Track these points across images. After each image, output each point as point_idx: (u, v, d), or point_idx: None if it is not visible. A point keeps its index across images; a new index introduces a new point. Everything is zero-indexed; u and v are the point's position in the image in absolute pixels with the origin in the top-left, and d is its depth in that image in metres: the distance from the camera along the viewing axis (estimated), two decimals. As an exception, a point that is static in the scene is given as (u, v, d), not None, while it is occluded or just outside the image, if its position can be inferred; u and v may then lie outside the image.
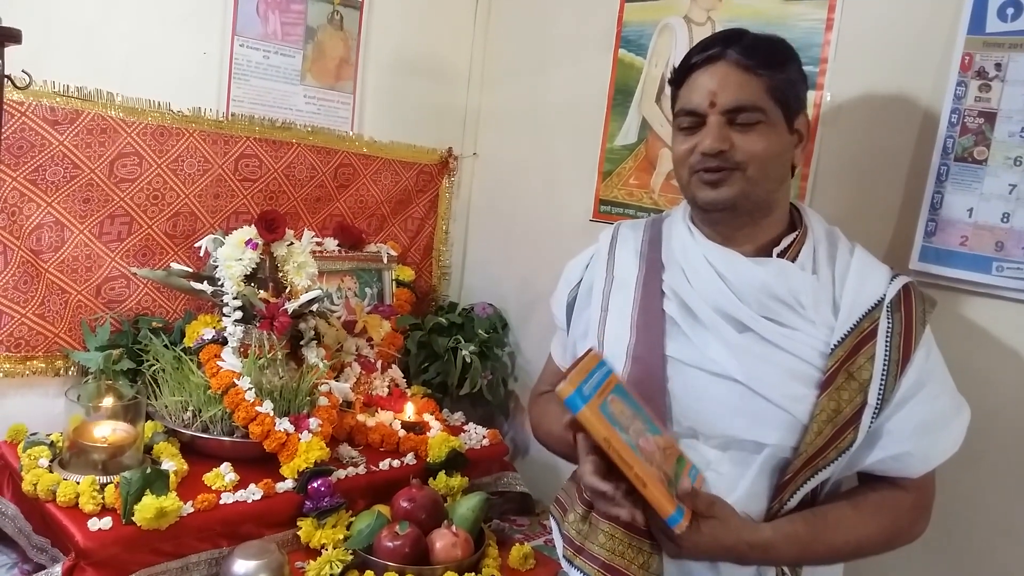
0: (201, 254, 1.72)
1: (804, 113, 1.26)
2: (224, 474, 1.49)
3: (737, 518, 1.13)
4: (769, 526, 1.16)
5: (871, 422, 1.15)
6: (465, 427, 1.96)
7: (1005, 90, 1.37)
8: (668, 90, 1.31)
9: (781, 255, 1.23)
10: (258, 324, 1.62)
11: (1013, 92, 1.36)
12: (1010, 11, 1.36)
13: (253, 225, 1.69)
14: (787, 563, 1.18)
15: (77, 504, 1.35)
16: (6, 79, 1.29)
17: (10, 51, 1.27)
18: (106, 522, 1.31)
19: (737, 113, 1.18)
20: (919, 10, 1.48)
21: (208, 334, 1.64)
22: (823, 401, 1.15)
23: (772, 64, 1.20)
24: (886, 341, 1.16)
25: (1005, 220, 1.37)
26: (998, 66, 1.38)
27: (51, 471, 1.41)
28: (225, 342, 1.62)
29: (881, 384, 1.15)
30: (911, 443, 1.16)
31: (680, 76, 1.25)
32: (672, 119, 1.30)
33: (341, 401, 1.72)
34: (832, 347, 1.17)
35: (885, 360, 1.16)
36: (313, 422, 1.57)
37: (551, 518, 1.41)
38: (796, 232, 1.25)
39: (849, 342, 1.16)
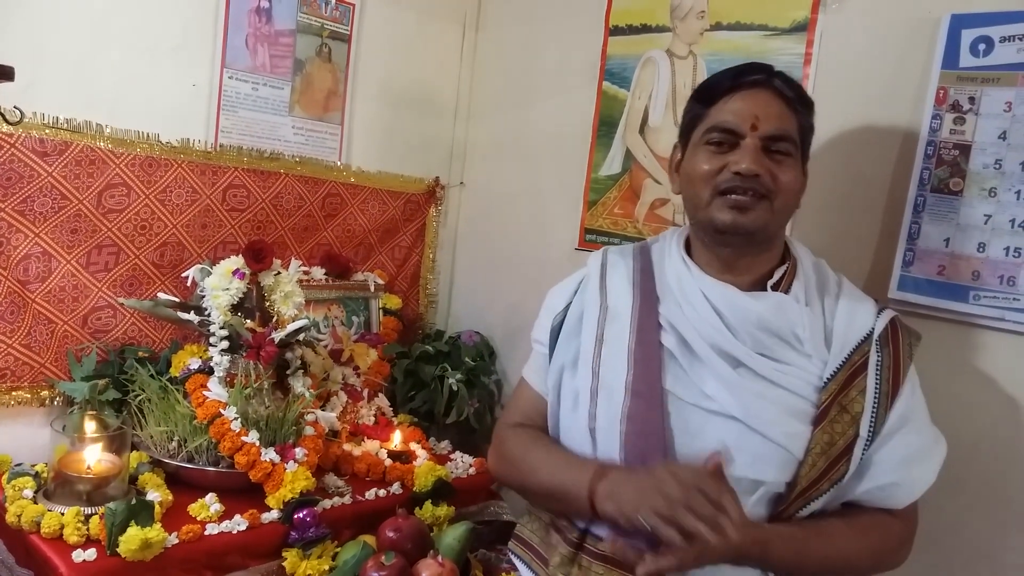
0: (188, 284, 1.72)
1: (807, 162, 1.28)
2: (209, 504, 1.48)
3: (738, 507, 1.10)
4: (766, 525, 1.16)
5: (862, 454, 1.16)
6: (452, 456, 1.96)
7: (979, 123, 1.41)
8: (650, 119, 1.31)
9: (775, 287, 1.24)
10: (244, 354, 1.62)
11: (986, 125, 1.40)
12: (982, 47, 1.40)
13: (240, 255, 1.69)
14: (782, 566, 1.16)
15: (62, 535, 1.34)
16: (-3, 114, 1.31)
17: (1, 86, 1.29)
18: (91, 553, 1.30)
19: (775, 141, 1.19)
20: (895, 45, 1.52)
21: (194, 364, 1.64)
22: (817, 435, 1.15)
23: (805, 104, 1.24)
24: (876, 375, 1.18)
25: (981, 250, 1.40)
26: (972, 100, 1.41)
27: (35, 502, 1.40)
28: (211, 372, 1.62)
29: (872, 417, 1.17)
30: (898, 474, 1.18)
31: (714, 95, 1.24)
32: (688, 135, 1.28)
33: (327, 430, 1.72)
34: (825, 381, 1.18)
35: (876, 393, 1.18)
36: (299, 452, 1.57)
37: (514, 558, 1.38)
38: (786, 264, 1.26)
39: (841, 375, 1.18)
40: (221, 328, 1.62)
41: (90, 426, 1.50)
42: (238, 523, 1.46)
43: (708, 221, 1.22)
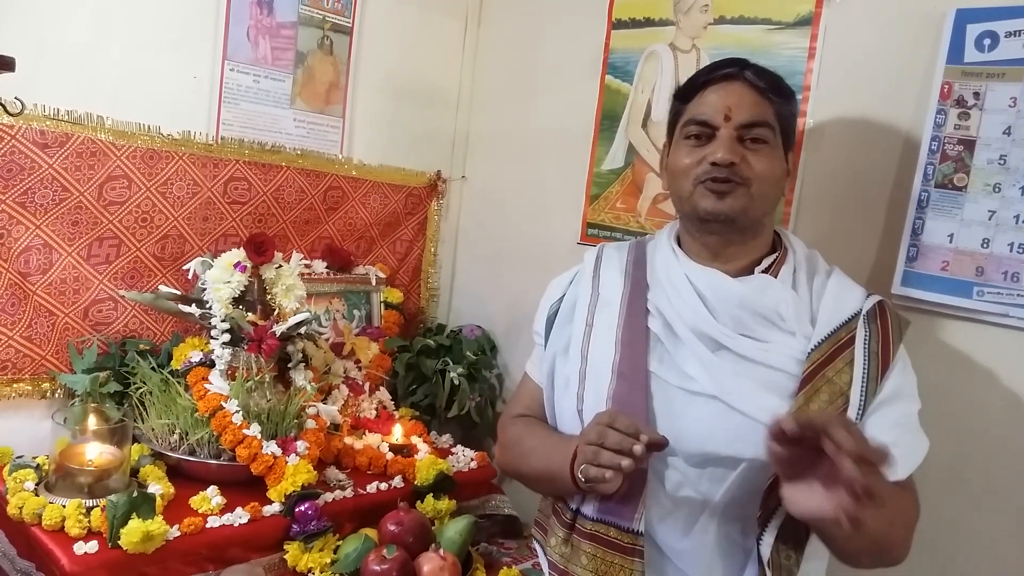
0: (189, 277, 1.72)
1: (793, 150, 1.31)
2: (211, 497, 1.48)
3: None
4: None
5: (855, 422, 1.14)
6: (453, 449, 1.96)
7: (983, 118, 1.40)
8: (652, 113, 1.33)
9: (763, 272, 1.27)
10: (246, 347, 1.62)
11: (991, 120, 1.39)
12: (987, 42, 1.39)
13: (242, 248, 1.69)
14: (882, 519, 1.06)
15: (63, 528, 1.34)
16: (-1, 105, 1.30)
17: (2, 77, 1.28)
18: (92, 546, 1.30)
19: (750, 129, 1.22)
20: (899, 40, 1.51)
21: (196, 357, 1.64)
22: (799, 400, 1.15)
23: (781, 92, 1.26)
24: (864, 347, 1.19)
25: (985, 245, 1.40)
26: (976, 95, 1.41)
27: (37, 494, 1.40)
28: (213, 365, 1.62)
29: (863, 386, 1.16)
30: (893, 435, 1.11)
31: (690, 91, 1.29)
32: (672, 133, 1.32)
33: (329, 423, 1.72)
34: (808, 352, 1.19)
35: (865, 364, 1.18)
36: (300, 445, 1.57)
37: (535, 542, 1.41)
38: (777, 253, 1.29)
39: (826, 347, 1.19)
40: (222, 321, 1.62)
41: (91, 419, 1.50)
42: (239, 516, 1.46)
43: (692, 210, 1.27)
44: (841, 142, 1.59)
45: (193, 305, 1.65)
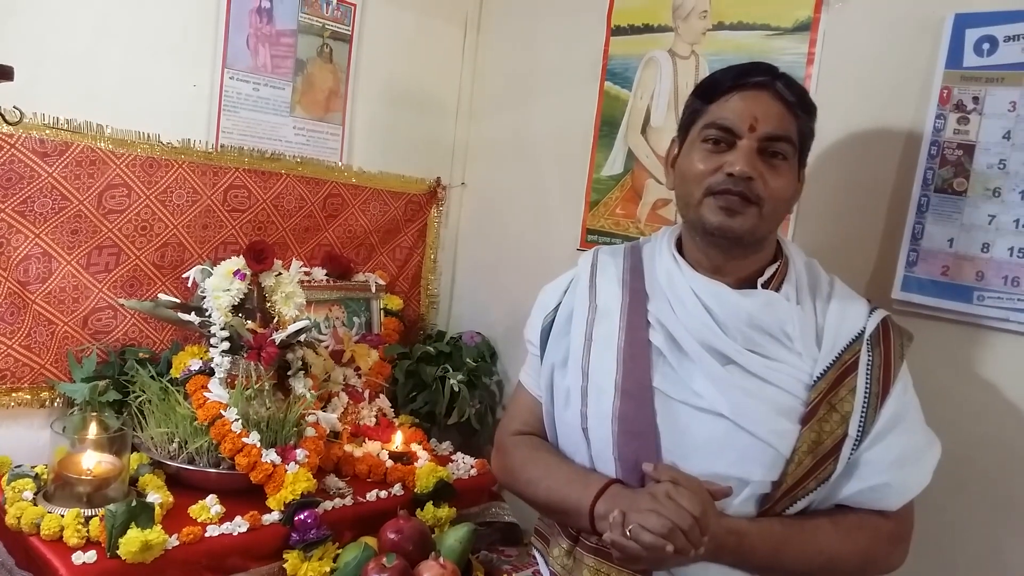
0: (189, 285, 1.72)
1: (804, 168, 1.28)
2: (210, 506, 1.48)
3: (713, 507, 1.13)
4: (744, 519, 1.16)
5: (851, 454, 1.16)
6: (453, 457, 1.95)
7: (983, 123, 1.40)
8: (652, 120, 1.31)
9: (765, 285, 1.24)
10: (245, 355, 1.61)
11: (990, 125, 1.39)
12: (986, 46, 1.40)
13: (241, 255, 1.69)
14: (760, 561, 1.16)
15: (62, 537, 1.33)
16: (-3, 114, 1.30)
17: (1, 86, 1.28)
18: (91, 555, 1.30)
19: (772, 143, 1.18)
20: (898, 45, 1.51)
21: (195, 365, 1.64)
22: (805, 433, 1.15)
23: (806, 108, 1.23)
24: (867, 374, 1.18)
25: (985, 250, 1.39)
26: (975, 99, 1.41)
27: (35, 504, 1.40)
28: (212, 373, 1.62)
29: (862, 417, 1.16)
30: (889, 475, 1.17)
31: (714, 92, 1.23)
32: (687, 131, 1.27)
33: (328, 431, 1.71)
34: (815, 379, 1.17)
35: (866, 393, 1.17)
36: (300, 453, 1.56)
37: (534, 549, 1.40)
38: (778, 263, 1.26)
39: (831, 374, 1.17)
40: (222, 329, 1.62)
41: (90, 428, 1.50)
42: (239, 525, 1.45)
43: (698, 220, 1.23)
44: (840, 147, 1.58)
45: (192, 313, 1.65)
